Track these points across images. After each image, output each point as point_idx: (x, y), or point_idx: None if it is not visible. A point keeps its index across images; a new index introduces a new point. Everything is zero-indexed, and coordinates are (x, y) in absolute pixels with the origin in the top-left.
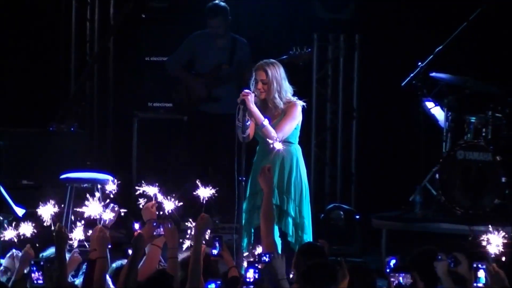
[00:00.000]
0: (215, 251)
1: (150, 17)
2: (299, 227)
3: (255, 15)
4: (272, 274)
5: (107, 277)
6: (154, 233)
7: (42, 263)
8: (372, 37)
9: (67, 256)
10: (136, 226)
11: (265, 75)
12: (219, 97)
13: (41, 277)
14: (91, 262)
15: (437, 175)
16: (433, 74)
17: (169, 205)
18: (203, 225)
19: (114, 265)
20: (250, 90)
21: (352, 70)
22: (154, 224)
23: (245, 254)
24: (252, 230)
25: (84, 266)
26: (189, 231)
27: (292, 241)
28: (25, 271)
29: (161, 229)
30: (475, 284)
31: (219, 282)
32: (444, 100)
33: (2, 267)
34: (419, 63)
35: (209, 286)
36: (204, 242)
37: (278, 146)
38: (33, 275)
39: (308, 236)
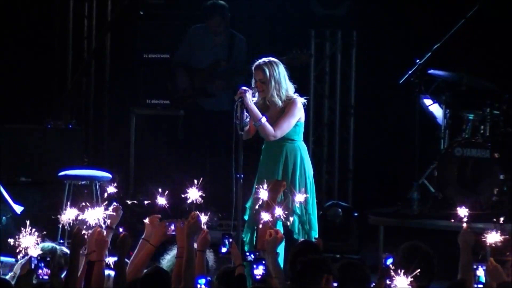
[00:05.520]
0: (224, 249)
1: (147, 13)
2: (306, 224)
3: (252, 11)
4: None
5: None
6: (167, 232)
7: (48, 258)
8: (370, 33)
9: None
10: (120, 229)
11: (263, 75)
12: (215, 93)
13: (47, 273)
14: (90, 263)
15: (435, 172)
16: (431, 71)
17: (194, 193)
18: (194, 224)
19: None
20: (248, 88)
21: (350, 66)
22: (167, 223)
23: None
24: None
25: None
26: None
27: (299, 239)
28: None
29: (173, 228)
30: (475, 285)
31: (209, 278)
32: (442, 97)
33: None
34: (417, 60)
35: (199, 280)
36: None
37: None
38: (40, 271)
39: (315, 233)
